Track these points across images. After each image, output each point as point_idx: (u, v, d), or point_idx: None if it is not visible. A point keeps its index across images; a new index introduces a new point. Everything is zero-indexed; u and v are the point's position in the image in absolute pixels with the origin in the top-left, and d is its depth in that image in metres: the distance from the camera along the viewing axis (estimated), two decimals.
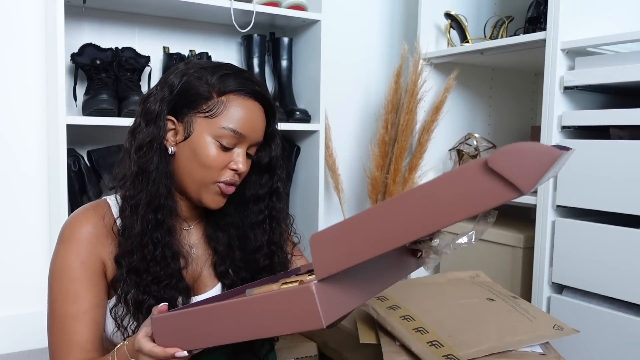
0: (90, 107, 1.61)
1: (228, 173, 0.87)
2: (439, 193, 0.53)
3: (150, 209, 0.84)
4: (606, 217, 1.45)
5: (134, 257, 0.84)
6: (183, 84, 0.87)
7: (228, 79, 0.87)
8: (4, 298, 1.75)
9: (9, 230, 1.74)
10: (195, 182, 0.87)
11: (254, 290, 0.78)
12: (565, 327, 1.19)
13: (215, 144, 0.86)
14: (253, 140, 0.89)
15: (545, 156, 0.49)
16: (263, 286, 0.78)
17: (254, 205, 0.94)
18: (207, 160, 0.85)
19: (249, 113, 0.87)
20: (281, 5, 1.88)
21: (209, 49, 1.95)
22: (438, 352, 1.05)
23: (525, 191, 0.50)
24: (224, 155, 0.86)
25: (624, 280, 1.37)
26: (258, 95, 0.89)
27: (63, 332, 0.85)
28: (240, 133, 0.86)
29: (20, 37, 1.73)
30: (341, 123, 2.24)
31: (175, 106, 0.87)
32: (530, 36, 1.65)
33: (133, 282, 0.84)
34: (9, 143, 1.73)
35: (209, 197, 0.88)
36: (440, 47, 2.09)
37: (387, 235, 0.57)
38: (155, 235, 0.85)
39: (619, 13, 1.65)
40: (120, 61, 1.69)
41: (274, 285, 0.77)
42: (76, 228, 0.86)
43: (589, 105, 1.60)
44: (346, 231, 0.59)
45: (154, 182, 0.85)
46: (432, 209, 0.54)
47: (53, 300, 0.86)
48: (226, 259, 0.96)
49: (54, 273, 0.86)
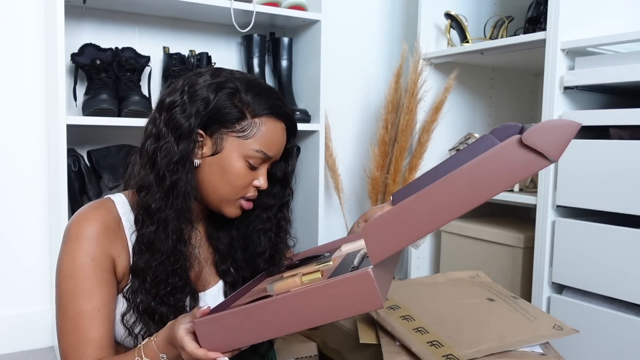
0: (90, 107, 1.61)
1: (251, 190, 0.91)
2: (482, 171, 0.63)
3: (179, 224, 0.86)
4: (606, 217, 1.45)
5: (156, 270, 0.85)
6: (217, 100, 0.86)
7: (261, 99, 0.88)
8: (4, 298, 1.75)
9: (9, 230, 1.74)
10: (219, 197, 0.89)
11: (274, 285, 0.79)
12: (565, 327, 1.19)
13: (245, 163, 0.88)
14: (275, 159, 0.92)
15: (568, 129, 0.60)
16: (283, 280, 0.80)
17: (262, 212, 0.96)
18: (235, 179, 0.87)
19: (277, 135, 0.90)
20: (281, 5, 1.88)
21: (209, 49, 1.95)
22: (438, 352, 1.05)
23: (555, 159, 0.62)
24: (250, 173, 0.89)
25: (624, 280, 1.37)
26: (286, 116, 0.91)
27: (77, 330, 0.84)
28: (268, 155, 0.89)
29: (20, 37, 1.73)
30: (341, 123, 2.24)
31: (207, 122, 0.87)
32: (530, 36, 1.65)
33: (150, 293, 0.85)
34: (9, 143, 1.73)
35: (230, 210, 0.91)
36: (440, 47, 2.09)
37: (437, 215, 0.65)
38: (180, 248, 0.86)
39: (619, 13, 1.65)
40: (120, 61, 1.69)
41: (295, 278, 0.79)
42: (84, 226, 0.85)
43: (589, 105, 1.60)
44: (398, 215, 0.66)
45: (184, 199, 0.85)
46: (477, 186, 0.64)
47: (65, 299, 0.85)
48: (227, 258, 0.97)
49: (63, 272, 0.85)
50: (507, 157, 0.63)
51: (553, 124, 0.61)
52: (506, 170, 0.63)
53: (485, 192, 0.64)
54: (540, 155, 0.62)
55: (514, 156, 0.62)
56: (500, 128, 0.96)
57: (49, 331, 1.79)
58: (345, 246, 0.97)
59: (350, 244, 0.97)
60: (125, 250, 0.87)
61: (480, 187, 0.64)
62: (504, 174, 0.63)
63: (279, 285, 0.79)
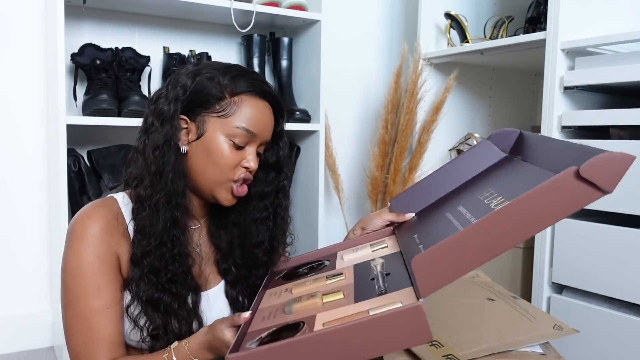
0: (90, 107, 1.61)
1: (240, 171, 0.90)
2: (537, 203, 0.63)
3: (169, 207, 0.86)
4: (606, 217, 1.45)
5: (153, 256, 0.85)
6: (196, 84, 0.88)
7: (239, 79, 0.89)
8: (4, 298, 1.75)
9: (9, 230, 1.74)
10: (209, 180, 0.89)
11: (293, 307, 0.77)
12: (565, 327, 1.19)
13: (229, 142, 0.88)
14: (263, 139, 0.91)
15: (624, 162, 0.64)
16: (302, 302, 0.78)
17: (258, 201, 0.96)
18: (220, 159, 0.87)
19: (260, 112, 0.90)
20: (281, 5, 1.88)
21: (209, 49, 1.95)
22: (438, 352, 1.05)
23: (610, 191, 0.64)
24: (236, 153, 0.88)
25: (624, 280, 1.37)
26: (268, 96, 0.91)
27: (89, 329, 0.83)
28: (252, 132, 0.88)
29: (20, 37, 1.73)
30: (341, 123, 2.24)
31: (188, 106, 0.89)
32: (530, 36, 1.65)
33: (151, 281, 0.85)
34: (9, 143, 1.73)
35: (223, 195, 0.90)
36: (440, 47, 2.09)
37: (490, 247, 0.64)
38: (174, 233, 0.86)
39: (619, 13, 1.65)
40: (120, 61, 1.69)
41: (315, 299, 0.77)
42: (88, 224, 0.86)
43: (589, 105, 1.60)
44: (451, 248, 0.64)
45: (172, 182, 0.86)
46: (531, 218, 0.64)
47: (74, 298, 0.84)
48: (229, 257, 0.97)
49: (70, 271, 0.85)
50: (563, 189, 0.63)
51: (610, 158, 0.62)
52: (561, 202, 0.63)
53: (539, 223, 0.64)
54: (596, 188, 0.63)
55: (570, 188, 0.63)
56: (498, 134, 0.96)
57: (49, 331, 1.79)
58: (347, 255, 0.95)
59: (351, 252, 0.96)
60: (129, 245, 0.88)
61: (534, 219, 0.64)
62: (558, 206, 0.64)
63: (299, 306, 0.77)
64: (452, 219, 0.83)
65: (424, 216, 0.95)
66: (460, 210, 0.84)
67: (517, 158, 0.91)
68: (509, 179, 0.87)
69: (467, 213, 0.82)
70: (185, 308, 0.88)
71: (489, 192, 0.85)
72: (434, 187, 0.98)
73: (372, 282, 0.80)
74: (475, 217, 0.78)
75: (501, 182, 0.87)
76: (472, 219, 0.78)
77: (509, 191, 0.81)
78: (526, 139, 0.92)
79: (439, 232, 0.83)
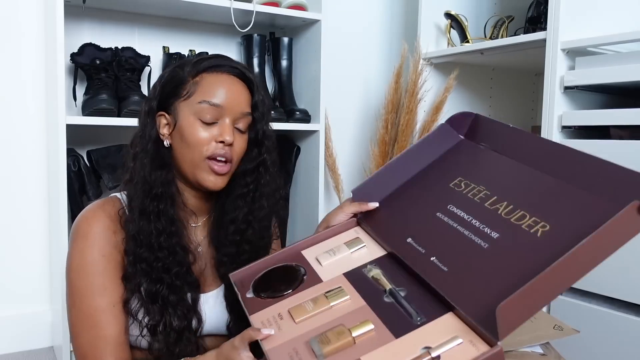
0: (90, 107, 1.61)
1: (214, 146, 0.88)
2: (603, 240, 0.67)
3: (147, 198, 0.87)
4: None
5: (138, 245, 0.86)
6: (165, 77, 0.91)
7: (203, 61, 0.91)
8: (4, 298, 1.75)
9: (9, 230, 1.74)
10: (188, 164, 0.89)
11: (323, 349, 0.70)
12: (565, 327, 1.19)
13: (198, 121, 0.88)
14: (235, 111, 0.89)
15: None
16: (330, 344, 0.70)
17: (241, 178, 0.94)
18: (192, 138, 0.87)
19: (223, 85, 0.89)
20: (281, 5, 1.88)
21: (209, 49, 1.95)
22: None
23: None
24: (208, 130, 0.88)
25: (624, 280, 1.36)
26: (233, 70, 0.91)
27: (94, 327, 0.83)
28: (215, 104, 0.87)
29: (20, 37, 1.73)
30: (341, 123, 2.24)
31: (162, 101, 0.91)
32: (531, 36, 1.65)
33: (143, 271, 0.85)
34: (9, 143, 1.73)
35: (203, 176, 0.89)
36: (440, 47, 2.09)
37: (561, 285, 0.67)
38: (157, 224, 0.86)
39: (619, 13, 1.65)
40: (120, 61, 1.69)
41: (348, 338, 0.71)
42: (92, 223, 0.87)
43: (589, 105, 1.60)
44: (528, 294, 0.65)
45: (149, 174, 0.88)
46: (597, 254, 0.68)
47: (79, 297, 0.85)
48: (227, 259, 0.96)
49: (75, 269, 0.86)
50: (626, 223, 0.67)
51: None
52: (623, 236, 0.68)
53: (602, 257, 0.68)
54: None
55: (633, 222, 0.67)
56: (456, 117, 0.96)
57: (49, 331, 1.79)
58: (324, 259, 0.88)
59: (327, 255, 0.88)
60: None
61: (599, 254, 0.68)
62: (617, 239, 0.68)
63: (330, 349, 0.69)
64: (448, 219, 0.83)
65: (400, 210, 0.91)
66: (453, 210, 0.84)
67: (483, 146, 0.91)
68: (486, 172, 0.88)
69: (463, 213, 0.82)
70: (185, 304, 0.88)
71: (470, 186, 0.86)
72: (395, 174, 0.95)
73: (392, 305, 0.76)
74: (477, 220, 0.80)
75: (477, 174, 0.88)
76: (474, 222, 0.80)
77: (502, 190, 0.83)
78: (484, 124, 0.94)
79: (445, 239, 0.80)
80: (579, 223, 0.72)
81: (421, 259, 0.80)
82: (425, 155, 0.96)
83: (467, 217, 0.82)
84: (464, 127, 0.96)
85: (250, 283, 0.86)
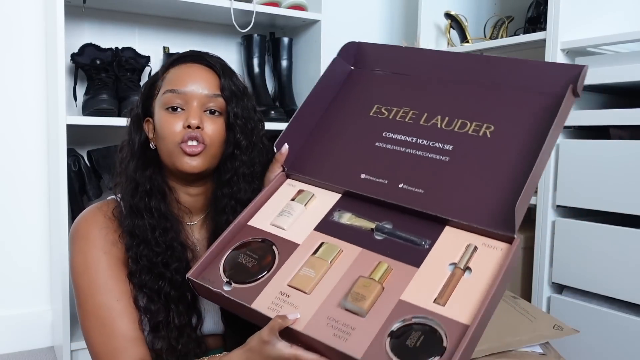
0: (90, 107, 1.61)
1: (183, 131, 0.87)
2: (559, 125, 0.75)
3: (136, 196, 0.88)
4: (606, 217, 1.45)
5: (136, 242, 0.86)
6: (144, 83, 0.95)
7: (170, 60, 0.94)
8: (4, 298, 1.75)
9: (10, 230, 1.74)
10: (167, 156, 0.89)
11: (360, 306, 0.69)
12: (565, 327, 1.19)
13: (166, 112, 0.89)
14: (200, 94, 0.88)
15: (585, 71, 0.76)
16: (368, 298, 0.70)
17: (223, 165, 0.93)
18: (163, 130, 0.88)
19: (185, 72, 0.90)
20: (281, 5, 1.88)
21: (209, 49, 1.92)
22: None
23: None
24: (177, 118, 0.87)
25: (624, 280, 1.36)
26: (197, 59, 0.92)
27: (105, 325, 0.84)
28: (178, 90, 0.88)
29: (20, 37, 1.73)
30: None
31: (145, 106, 0.93)
32: (530, 36, 1.65)
33: (145, 267, 0.86)
34: (9, 143, 1.73)
35: (179, 161, 0.87)
36: (440, 47, 2.09)
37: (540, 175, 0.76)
38: (151, 220, 0.87)
39: (619, 13, 1.65)
40: (120, 61, 1.69)
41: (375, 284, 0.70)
42: (91, 224, 0.88)
43: (589, 105, 1.60)
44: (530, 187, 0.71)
45: (135, 172, 0.89)
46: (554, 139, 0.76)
47: (85, 296, 0.85)
48: None
49: (78, 270, 0.86)
50: (569, 106, 0.77)
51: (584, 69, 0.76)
52: (566, 116, 0.77)
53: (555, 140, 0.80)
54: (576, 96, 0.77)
55: (570, 103, 0.77)
56: (343, 48, 0.98)
57: (49, 331, 1.79)
58: (281, 221, 0.83)
59: (279, 218, 0.84)
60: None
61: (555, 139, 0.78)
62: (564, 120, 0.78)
63: (368, 303, 0.69)
64: (392, 146, 0.84)
65: (332, 151, 0.89)
66: (390, 136, 0.85)
67: (379, 71, 0.94)
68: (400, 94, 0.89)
69: (404, 136, 0.84)
70: (185, 300, 0.88)
71: (392, 110, 0.88)
72: (308, 118, 0.94)
73: (387, 240, 0.76)
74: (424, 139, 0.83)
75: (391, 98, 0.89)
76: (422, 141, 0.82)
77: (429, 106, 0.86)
78: (371, 50, 0.97)
79: (402, 164, 0.82)
80: (524, 118, 0.78)
81: (388, 189, 0.80)
82: (330, 93, 0.97)
83: (410, 139, 0.84)
84: (351, 57, 0.98)
85: (219, 276, 0.78)
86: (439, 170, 0.78)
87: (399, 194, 0.79)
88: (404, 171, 0.80)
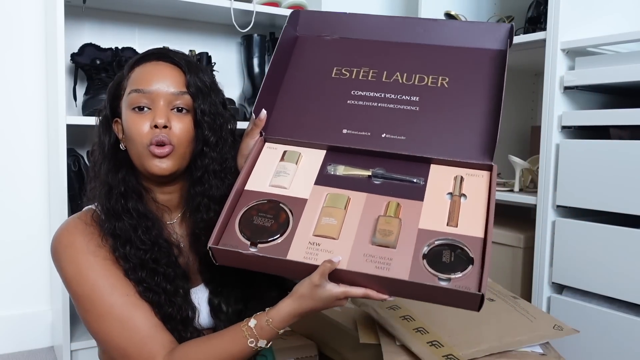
0: (90, 107, 1.61)
1: (151, 132, 0.86)
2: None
3: (112, 199, 0.88)
4: (606, 217, 1.45)
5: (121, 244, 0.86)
6: (110, 84, 0.94)
7: (135, 58, 0.93)
8: (4, 298, 1.75)
9: (10, 230, 1.74)
10: (136, 158, 0.89)
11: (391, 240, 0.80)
12: (565, 327, 1.19)
13: (132, 113, 0.88)
14: (166, 92, 0.87)
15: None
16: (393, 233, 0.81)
17: (194, 163, 0.92)
18: (131, 131, 0.87)
19: (149, 71, 0.89)
20: (281, 5, 1.88)
21: (209, 49, 1.95)
22: (438, 352, 1.05)
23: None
24: (144, 118, 0.87)
25: (624, 280, 1.37)
26: (160, 57, 0.91)
27: (121, 323, 0.83)
28: (141, 89, 0.87)
29: (20, 37, 1.73)
30: None
31: (113, 107, 0.92)
32: (530, 36, 1.65)
33: (137, 266, 0.86)
34: (9, 143, 1.73)
35: (149, 163, 0.87)
36: None
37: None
38: (131, 220, 0.87)
39: (619, 13, 1.65)
40: (120, 61, 1.69)
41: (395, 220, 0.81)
42: (72, 232, 0.87)
43: (589, 105, 1.60)
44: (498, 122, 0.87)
45: (107, 175, 0.89)
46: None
47: (89, 303, 0.84)
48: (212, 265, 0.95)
49: (73, 279, 0.85)
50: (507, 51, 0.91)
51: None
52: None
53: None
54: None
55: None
56: (289, 16, 1.06)
57: (49, 331, 1.79)
58: (282, 182, 0.87)
59: (278, 178, 0.88)
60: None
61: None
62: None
63: (394, 236, 0.79)
64: (365, 102, 0.93)
65: (306, 112, 0.95)
66: (360, 94, 0.94)
67: (326, 36, 1.02)
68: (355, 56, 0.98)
69: (373, 93, 0.93)
70: (179, 294, 0.89)
71: (353, 71, 0.96)
72: (276, 85, 0.99)
73: (387, 184, 0.85)
74: (391, 93, 0.92)
75: (348, 59, 0.98)
76: (390, 95, 0.92)
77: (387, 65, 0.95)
78: (314, 17, 1.05)
79: (379, 117, 0.91)
80: (472, 68, 0.92)
81: (372, 140, 0.89)
82: (286, 60, 1.02)
83: (378, 94, 0.94)
84: (298, 25, 1.06)
85: (240, 240, 0.82)
86: (413, 118, 0.90)
87: (383, 142, 0.89)
88: (382, 123, 0.90)
